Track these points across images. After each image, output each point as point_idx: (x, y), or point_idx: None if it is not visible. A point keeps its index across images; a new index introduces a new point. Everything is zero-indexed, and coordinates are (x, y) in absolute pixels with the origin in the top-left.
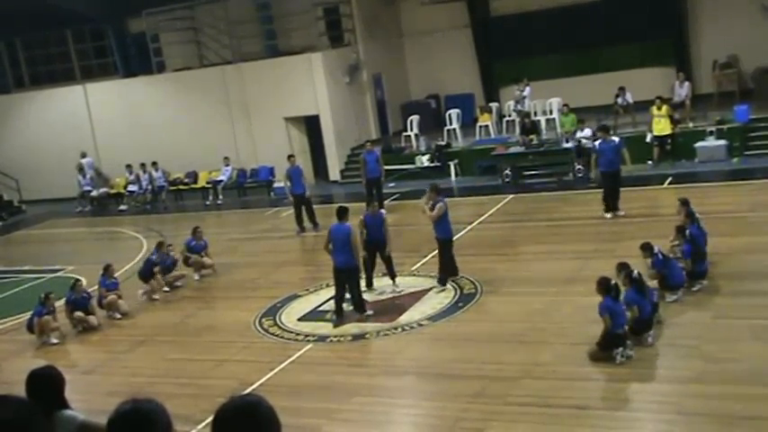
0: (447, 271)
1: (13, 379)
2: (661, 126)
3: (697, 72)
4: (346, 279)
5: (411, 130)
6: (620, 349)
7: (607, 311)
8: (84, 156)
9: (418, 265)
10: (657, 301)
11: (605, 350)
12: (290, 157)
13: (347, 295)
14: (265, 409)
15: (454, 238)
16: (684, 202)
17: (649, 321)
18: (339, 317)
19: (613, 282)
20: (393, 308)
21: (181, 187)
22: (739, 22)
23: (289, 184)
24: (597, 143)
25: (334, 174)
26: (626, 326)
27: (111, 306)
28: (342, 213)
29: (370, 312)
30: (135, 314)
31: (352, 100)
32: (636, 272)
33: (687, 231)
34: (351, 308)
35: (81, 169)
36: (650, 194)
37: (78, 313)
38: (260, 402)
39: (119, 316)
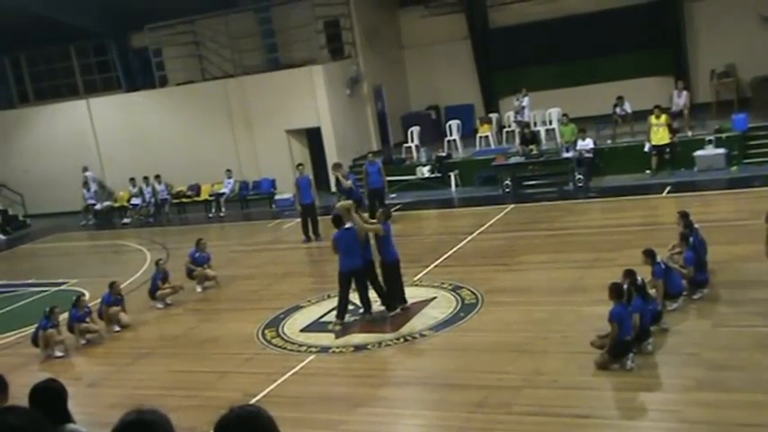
0: (395, 295)
1: (17, 393)
2: (660, 135)
3: (695, 81)
4: (355, 280)
5: (411, 141)
6: (631, 355)
7: (617, 318)
8: (86, 170)
9: (421, 275)
10: (661, 309)
11: (616, 358)
12: (298, 165)
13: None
14: (265, 420)
15: (448, 254)
16: (684, 215)
17: (648, 329)
18: (341, 317)
19: (625, 287)
20: (395, 318)
21: (184, 200)
22: (737, 31)
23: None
24: None
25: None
26: (633, 333)
27: (111, 319)
28: (337, 221)
29: (373, 313)
30: (138, 326)
31: (352, 112)
32: (640, 279)
33: (690, 239)
34: (354, 318)
35: (85, 183)
36: (650, 203)
37: (82, 324)
38: (259, 413)
39: (118, 328)
